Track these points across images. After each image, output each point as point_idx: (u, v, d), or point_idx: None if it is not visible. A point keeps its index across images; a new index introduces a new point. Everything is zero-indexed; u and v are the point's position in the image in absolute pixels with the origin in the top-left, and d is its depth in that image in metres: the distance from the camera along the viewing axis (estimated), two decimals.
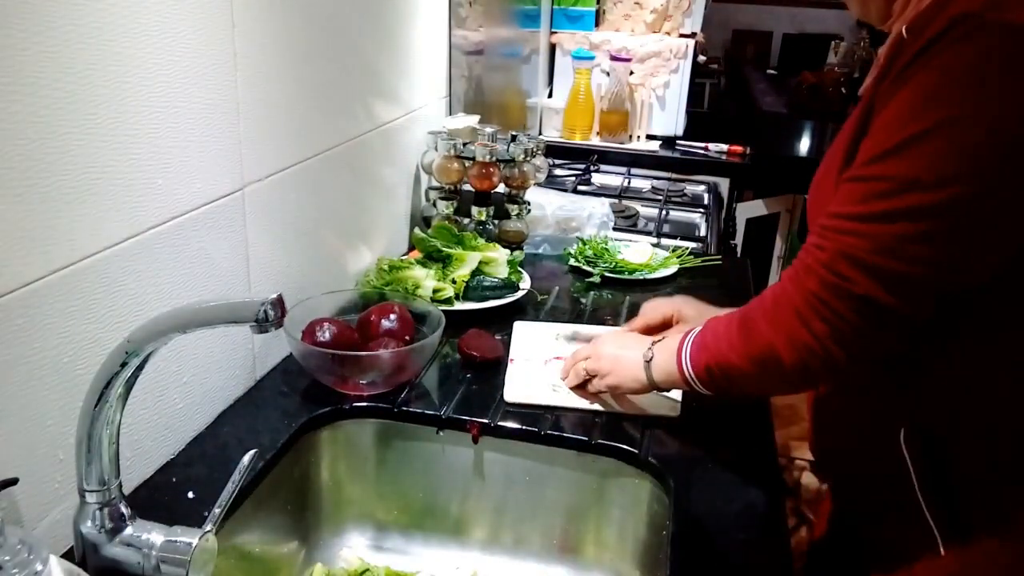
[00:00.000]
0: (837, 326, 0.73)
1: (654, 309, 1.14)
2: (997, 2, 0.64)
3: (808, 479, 2.49)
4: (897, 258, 0.69)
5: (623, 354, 1.01)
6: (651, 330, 1.10)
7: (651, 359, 0.97)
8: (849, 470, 0.91)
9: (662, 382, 0.97)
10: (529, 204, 1.61)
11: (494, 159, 1.52)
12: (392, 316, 1.11)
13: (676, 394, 1.07)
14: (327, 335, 1.04)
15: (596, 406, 1.05)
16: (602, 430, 1.01)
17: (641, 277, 1.50)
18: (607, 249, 1.56)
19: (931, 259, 0.69)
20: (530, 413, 1.03)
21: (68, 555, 0.73)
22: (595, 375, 1.04)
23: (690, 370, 0.91)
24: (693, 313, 1.10)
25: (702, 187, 2.37)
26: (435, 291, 1.27)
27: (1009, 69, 0.64)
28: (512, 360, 1.14)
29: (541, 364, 1.14)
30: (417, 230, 1.40)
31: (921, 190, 0.67)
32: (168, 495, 0.86)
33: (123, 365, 0.64)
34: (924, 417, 0.79)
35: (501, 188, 1.58)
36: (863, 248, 0.70)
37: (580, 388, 1.07)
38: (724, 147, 2.50)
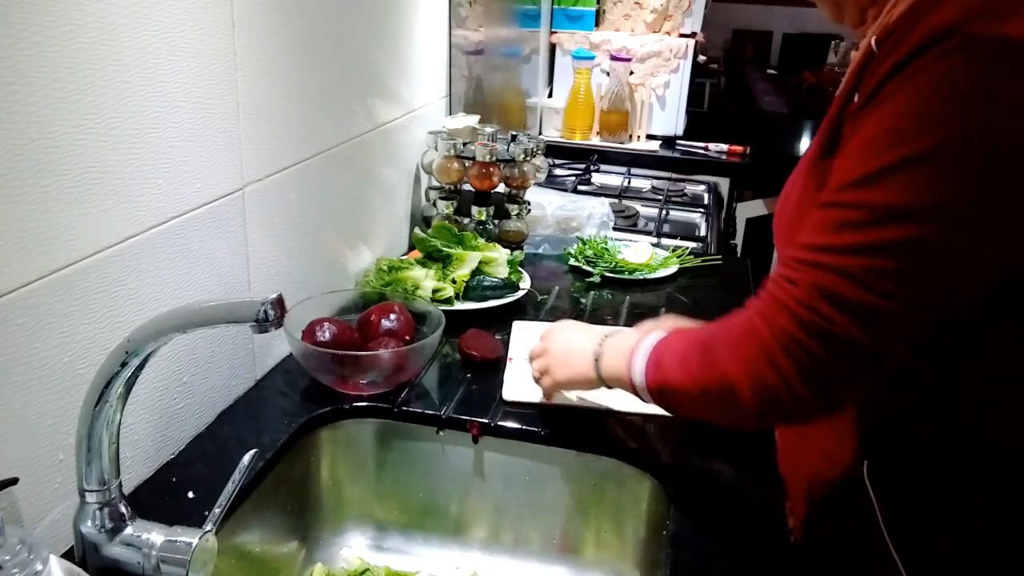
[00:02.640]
0: (809, 367, 0.67)
1: (645, 329, 1.08)
2: (975, 14, 0.59)
3: None
4: (876, 294, 0.63)
5: (572, 349, 0.96)
6: None
7: (600, 356, 0.92)
8: (813, 497, 0.89)
9: (609, 380, 0.92)
10: (529, 204, 1.61)
11: (494, 159, 1.52)
12: (392, 316, 1.11)
13: None
14: (327, 335, 1.04)
15: (595, 406, 1.05)
16: (602, 430, 1.01)
17: (641, 277, 1.50)
18: (607, 249, 1.56)
19: (911, 296, 0.64)
20: (530, 413, 1.03)
21: (68, 555, 0.73)
22: (545, 372, 1.00)
23: (639, 382, 0.85)
24: None
25: (702, 187, 2.37)
26: (435, 291, 1.27)
27: (992, 90, 0.59)
28: (511, 360, 1.14)
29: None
30: (417, 230, 1.40)
31: (902, 221, 0.62)
32: (168, 495, 0.86)
33: (123, 365, 0.64)
34: (885, 452, 0.77)
35: (501, 188, 1.58)
36: (839, 284, 0.65)
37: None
38: (724, 147, 2.50)
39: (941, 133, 0.60)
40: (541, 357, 1.01)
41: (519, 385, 1.08)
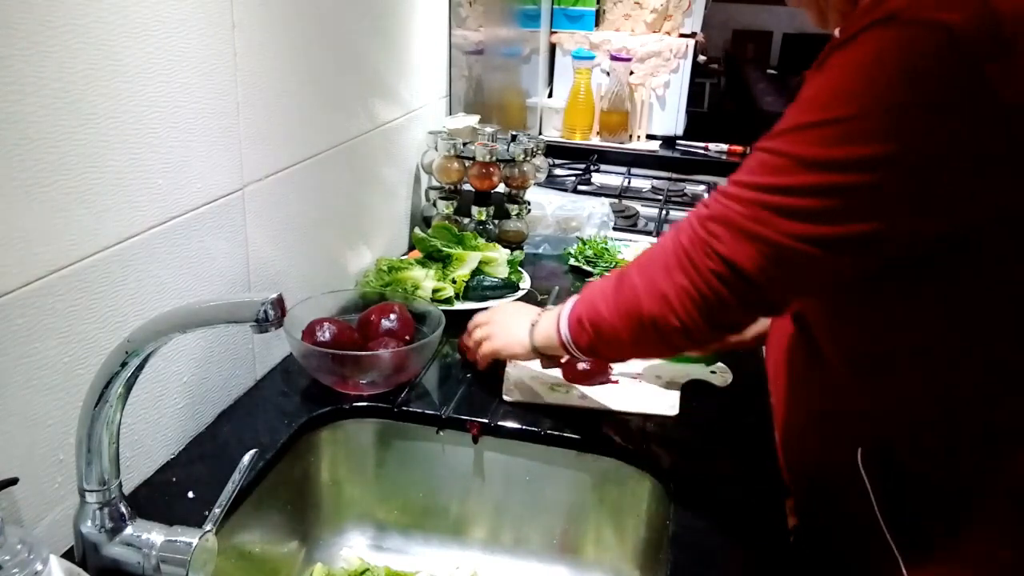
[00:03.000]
0: (697, 283, 0.74)
1: None
2: (919, 3, 0.62)
3: None
4: (768, 227, 0.69)
5: (512, 320, 1.02)
6: None
7: (536, 323, 0.97)
8: (812, 484, 0.90)
9: (541, 346, 0.97)
10: (529, 204, 1.61)
11: (494, 159, 1.52)
12: (392, 316, 1.11)
13: (674, 393, 1.07)
14: (327, 335, 1.04)
15: (595, 406, 1.05)
16: (602, 430, 1.01)
17: None
18: (607, 249, 1.56)
19: (802, 235, 0.68)
20: (530, 413, 1.03)
21: (68, 555, 0.73)
22: (484, 340, 1.05)
23: (565, 327, 0.90)
24: None
25: (702, 187, 2.36)
26: (435, 291, 1.27)
27: (914, 65, 0.62)
28: (511, 360, 1.14)
29: (540, 364, 1.14)
30: (417, 230, 1.40)
31: (809, 170, 0.67)
32: (168, 495, 0.86)
33: (123, 365, 0.64)
34: (881, 435, 0.78)
35: (501, 188, 1.58)
36: (739, 213, 0.71)
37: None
38: (724, 147, 2.50)
39: (855, 102, 0.64)
40: (484, 326, 1.06)
41: (518, 385, 1.08)
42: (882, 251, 0.69)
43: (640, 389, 1.09)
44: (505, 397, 1.06)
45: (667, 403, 1.05)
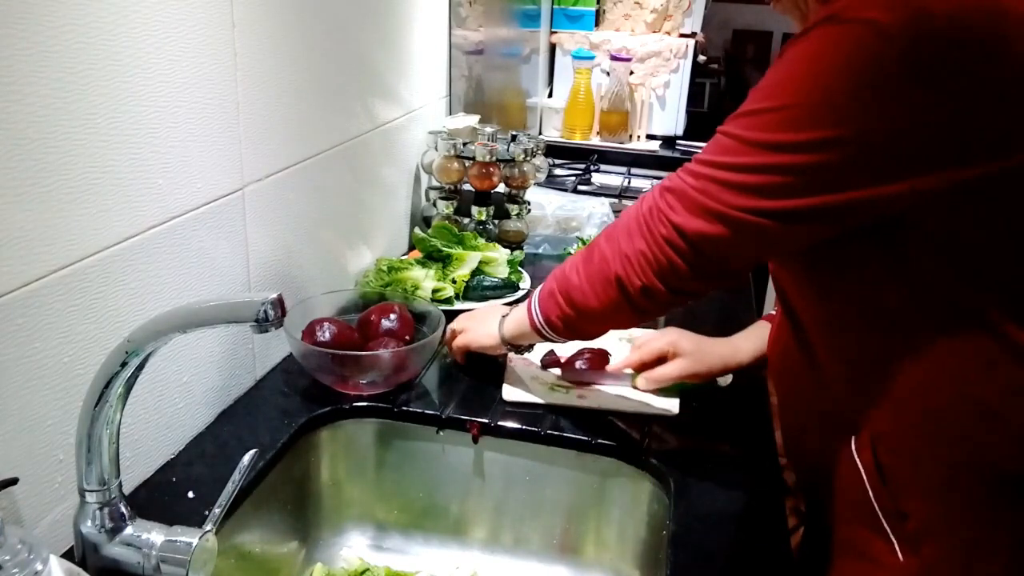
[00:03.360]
0: (651, 246, 0.81)
1: (648, 344, 1.08)
2: (861, 3, 0.67)
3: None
4: (715, 200, 0.76)
5: (486, 315, 1.09)
6: (646, 366, 1.08)
7: (507, 315, 1.04)
8: (812, 471, 0.91)
9: (511, 334, 1.02)
10: (529, 204, 1.61)
11: (494, 159, 1.52)
12: (392, 316, 1.11)
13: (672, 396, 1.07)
14: (327, 335, 1.04)
15: (595, 406, 1.05)
16: (602, 430, 1.01)
17: None
18: None
19: (745, 207, 0.74)
20: (530, 413, 1.03)
21: (68, 555, 0.73)
22: (460, 333, 1.10)
23: (536, 306, 0.97)
24: (690, 347, 1.06)
25: None
26: (435, 291, 1.27)
27: (849, 57, 0.68)
28: (511, 360, 1.14)
29: (539, 364, 1.14)
30: (417, 230, 1.40)
31: (756, 149, 0.73)
32: (168, 495, 0.86)
33: (123, 365, 0.64)
34: (872, 424, 0.79)
35: (501, 188, 1.58)
36: (692, 186, 0.78)
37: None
38: None
39: (796, 90, 0.71)
40: (461, 322, 1.11)
41: (518, 385, 1.08)
42: (831, 221, 0.74)
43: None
44: (505, 397, 1.06)
45: (667, 403, 1.05)
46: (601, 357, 1.12)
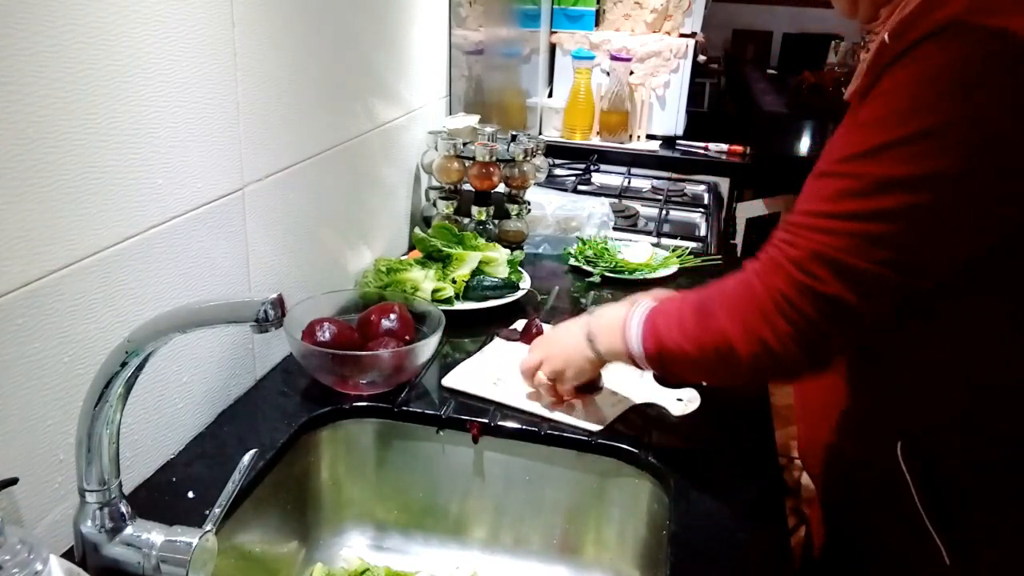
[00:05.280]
0: (800, 326, 0.72)
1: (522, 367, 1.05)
2: (981, 7, 0.63)
3: (808, 479, 2.49)
4: (866, 259, 0.69)
5: (563, 340, 0.99)
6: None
7: (593, 336, 0.94)
8: (841, 476, 0.90)
9: (607, 355, 0.94)
10: (529, 204, 1.61)
11: (494, 159, 1.52)
12: (392, 316, 1.11)
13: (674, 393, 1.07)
14: (327, 335, 1.04)
15: (534, 409, 1.03)
16: (602, 430, 1.01)
17: (641, 277, 1.49)
18: (607, 249, 1.56)
19: (898, 261, 0.69)
20: (529, 413, 1.03)
21: (68, 555, 0.73)
22: (543, 362, 1.00)
23: (637, 351, 0.88)
24: (541, 339, 1.05)
25: (702, 187, 2.37)
26: (435, 291, 1.27)
27: (988, 74, 0.63)
28: (495, 383, 1.09)
29: (491, 359, 1.14)
30: (417, 230, 1.40)
31: (895, 191, 0.67)
32: (168, 495, 0.86)
33: (123, 365, 0.64)
34: (916, 428, 0.78)
35: (501, 188, 1.58)
36: (833, 246, 0.70)
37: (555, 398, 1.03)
38: (724, 147, 2.50)
39: (933, 116, 0.65)
40: (534, 355, 1.02)
41: (461, 373, 1.09)
42: (959, 266, 0.69)
43: (641, 388, 1.09)
44: (443, 382, 1.06)
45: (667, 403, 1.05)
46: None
